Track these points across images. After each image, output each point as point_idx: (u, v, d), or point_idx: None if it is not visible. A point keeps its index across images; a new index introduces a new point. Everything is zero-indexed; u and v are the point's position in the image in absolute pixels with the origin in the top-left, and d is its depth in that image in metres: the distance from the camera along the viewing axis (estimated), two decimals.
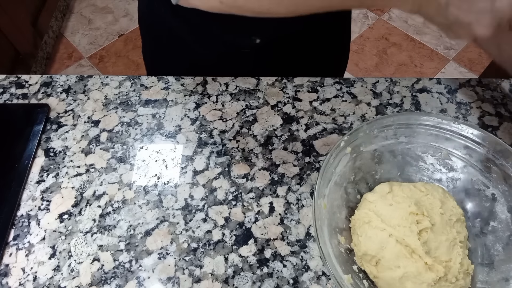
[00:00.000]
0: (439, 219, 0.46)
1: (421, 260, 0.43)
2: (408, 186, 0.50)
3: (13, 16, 1.62)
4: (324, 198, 0.46)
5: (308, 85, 0.66)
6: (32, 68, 1.75)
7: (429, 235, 0.45)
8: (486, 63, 1.55)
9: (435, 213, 0.46)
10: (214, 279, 0.48)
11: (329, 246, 0.43)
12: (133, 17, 2.10)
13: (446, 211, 0.47)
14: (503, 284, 0.43)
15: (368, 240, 0.46)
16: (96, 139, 0.60)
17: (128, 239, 0.51)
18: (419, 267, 0.43)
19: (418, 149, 0.53)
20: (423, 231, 0.45)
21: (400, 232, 0.45)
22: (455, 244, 0.45)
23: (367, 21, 2.09)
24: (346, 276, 0.43)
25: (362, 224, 0.47)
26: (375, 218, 0.46)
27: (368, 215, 0.47)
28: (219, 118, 0.62)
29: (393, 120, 0.51)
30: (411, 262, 0.43)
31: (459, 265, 0.44)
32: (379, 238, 0.45)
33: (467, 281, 0.45)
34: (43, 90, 0.66)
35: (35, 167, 0.57)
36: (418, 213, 0.46)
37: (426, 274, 0.43)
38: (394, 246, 0.44)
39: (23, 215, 0.53)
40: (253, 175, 0.56)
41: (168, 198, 0.54)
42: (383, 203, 0.48)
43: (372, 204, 0.48)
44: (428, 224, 0.45)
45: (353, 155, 0.50)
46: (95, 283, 0.48)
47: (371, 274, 0.46)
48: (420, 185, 0.50)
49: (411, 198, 0.48)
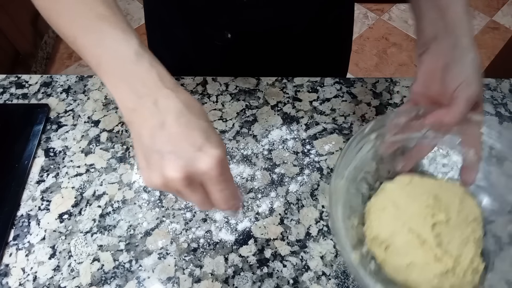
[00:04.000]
0: (455, 215, 0.45)
1: (431, 251, 0.43)
2: (429, 181, 0.49)
3: (13, 16, 1.62)
4: (343, 179, 0.46)
5: (308, 85, 0.66)
6: (32, 68, 1.75)
7: (443, 229, 0.44)
8: (486, 63, 1.55)
9: (452, 209, 0.46)
10: (214, 279, 0.48)
11: (341, 222, 0.43)
12: (133, 17, 2.10)
13: (464, 209, 0.46)
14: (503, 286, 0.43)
15: (380, 225, 0.46)
16: (96, 139, 0.60)
17: (128, 239, 0.51)
18: (428, 257, 0.43)
19: (444, 145, 0.51)
20: (437, 224, 0.44)
21: (414, 222, 0.44)
22: (468, 241, 0.44)
23: (367, 21, 2.10)
24: (354, 253, 0.42)
25: (377, 210, 0.47)
26: (390, 206, 0.46)
27: (384, 202, 0.47)
28: (219, 118, 0.62)
29: (422, 112, 0.49)
30: (421, 252, 0.43)
31: (469, 262, 0.43)
32: (392, 224, 0.45)
33: (476, 278, 0.44)
34: (43, 90, 0.66)
35: (35, 167, 0.57)
36: (434, 207, 0.45)
37: (433, 265, 0.42)
38: (406, 234, 0.44)
39: (23, 215, 0.53)
40: (253, 175, 0.56)
41: (168, 198, 0.54)
42: (401, 193, 0.47)
43: (390, 192, 0.48)
44: (443, 218, 0.44)
45: (377, 143, 0.49)
46: (95, 283, 0.48)
47: (379, 258, 0.45)
48: (442, 181, 0.49)
49: (430, 192, 0.47)
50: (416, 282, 0.43)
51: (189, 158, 0.32)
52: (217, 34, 0.66)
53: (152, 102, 0.34)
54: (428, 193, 0.47)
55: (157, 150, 0.33)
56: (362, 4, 2.14)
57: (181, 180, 0.32)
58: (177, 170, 0.32)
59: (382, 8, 2.14)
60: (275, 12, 0.62)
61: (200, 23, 0.66)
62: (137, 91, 0.34)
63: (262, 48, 0.69)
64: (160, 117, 0.33)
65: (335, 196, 0.43)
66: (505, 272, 0.45)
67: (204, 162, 0.32)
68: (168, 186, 0.33)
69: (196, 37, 0.68)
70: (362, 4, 2.14)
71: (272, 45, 0.69)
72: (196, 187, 0.34)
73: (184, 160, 0.32)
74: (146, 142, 0.34)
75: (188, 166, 0.32)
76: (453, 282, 0.43)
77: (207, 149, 0.33)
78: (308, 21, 0.67)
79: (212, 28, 0.65)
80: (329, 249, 0.50)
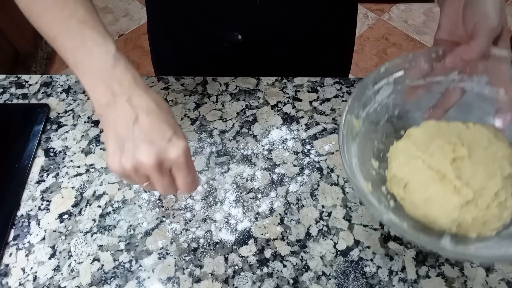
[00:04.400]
0: (481, 151, 0.43)
1: (450, 184, 0.41)
2: (457, 124, 0.47)
3: (13, 16, 1.63)
4: (359, 118, 0.45)
5: (308, 85, 0.66)
6: (32, 68, 1.75)
7: (465, 163, 0.42)
8: None
9: (476, 146, 0.44)
10: (214, 279, 0.48)
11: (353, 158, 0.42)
12: (133, 17, 2.10)
13: (492, 146, 0.44)
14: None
15: (399, 164, 0.45)
16: (96, 139, 0.60)
17: (128, 239, 0.51)
18: (447, 190, 0.41)
19: (474, 89, 0.47)
20: (458, 159, 0.43)
21: (434, 158, 0.43)
22: (494, 176, 0.42)
23: (367, 21, 2.10)
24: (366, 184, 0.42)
25: (397, 151, 0.47)
26: (411, 147, 0.45)
27: (406, 144, 0.46)
28: (219, 118, 0.62)
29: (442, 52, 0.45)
30: (439, 186, 0.42)
31: (493, 195, 0.41)
32: (411, 163, 0.44)
33: (504, 214, 0.41)
34: (43, 90, 0.66)
35: (35, 167, 0.57)
36: (457, 143, 0.44)
37: (452, 197, 0.41)
38: (425, 171, 0.43)
39: (23, 215, 0.53)
40: (253, 175, 0.56)
41: (168, 198, 0.54)
42: (424, 134, 0.46)
43: (414, 136, 0.47)
44: (464, 152, 0.43)
45: (398, 88, 0.47)
46: (95, 283, 0.48)
47: (398, 196, 0.45)
48: (471, 123, 0.46)
49: (454, 131, 0.45)
50: (435, 216, 0.42)
51: (160, 147, 0.38)
52: (227, 36, 0.66)
53: (126, 100, 0.39)
54: (452, 132, 0.45)
55: (132, 139, 0.38)
56: (362, 4, 2.15)
57: (153, 165, 0.38)
58: (150, 156, 0.37)
59: (382, 8, 2.14)
60: (286, 12, 0.62)
61: (210, 25, 0.65)
62: (113, 90, 0.39)
63: (269, 49, 0.69)
64: (133, 113, 0.38)
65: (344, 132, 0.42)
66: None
67: (173, 151, 0.38)
68: (138, 170, 0.39)
69: (203, 38, 0.68)
70: (362, 4, 2.15)
71: (278, 46, 0.69)
72: (164, 173, 0.40)
73: (156, 149, 0.38)
74: (120, 132, 0.38)
75: (160, 154, 0.38)
76: (476, 215, 0.41)
77: (175, 140, 0.39)
78: (314, 21, 0.67)
79: (222, 30, 0.65)
80: (329, 249, 0.50)
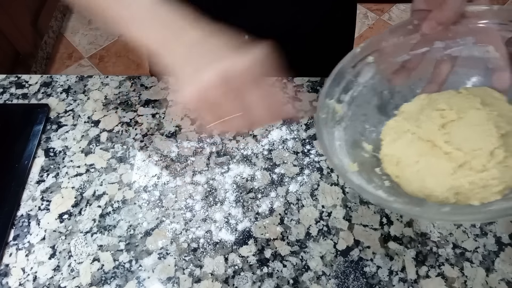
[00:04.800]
0: (473, 113, 0.41)
1: (441, 151, 0.40)
2: (448, 92, 0.45)
3: (13, 16, 1.62)
4: (341, 102, 0.44)
5: (308, 85, 0.65)
6: (32, 68, 1.75)
7: (454, 127, 0.41)
8: None
9: (466, 107, 0.42)
10: (214, 279, 0.48)
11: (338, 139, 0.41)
12: None
13: (486, 106, 0.41)
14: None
15: (389, 141, 0.44)
16: (96, 139, 0.60)
17: (128, 239, 0.51)
18: (438, 158, 0.40)
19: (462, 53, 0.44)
20: (447, 124, 0.41)
21: (422, 128, 0.42)
22: (489, 135, 0.39)
23: (367, 21, 2.10)
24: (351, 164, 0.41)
25: (388, 129, 0.45)
26: (402, 123, 0.44)
27: (397, 121, 0.45)
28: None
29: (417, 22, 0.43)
30: (430, 155, 0.40)
31: (488, 154, 0.38)
32: (401, 138, 0.43)
33: (506, 174, 0.38)
34: (43, 90, 0.66)
35: (35, 167, 0.57)
36: (445, 109, 0.42)
37: (444, 164, 0.39)
38: (415, 143, 0.42)
39: (23, 215, 0.53)
40: (253, 175, 0.56)
41: (168, 198, 0.54)
42: (415, 108, 0.45)
43: (405, 112, 0.45)
44: (453, 117, 0.41)
45: (381, 67, 0.45)
46: (95, 283, 0.48)
47: (393, 175, 0.43)
48: (463, 89, 0.44)
49: (444, 99, 0.43)
50: (430, 187, 0.40)
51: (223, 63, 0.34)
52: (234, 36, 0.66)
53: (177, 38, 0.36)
54: (442, 99, 0.43)
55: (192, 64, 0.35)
56: (362, 4, 2.14)
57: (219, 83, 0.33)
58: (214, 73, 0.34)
59: (382, 8, 2.14)
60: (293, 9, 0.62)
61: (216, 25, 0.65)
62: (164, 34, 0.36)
63: None
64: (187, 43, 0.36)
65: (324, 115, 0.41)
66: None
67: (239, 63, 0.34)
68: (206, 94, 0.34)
69: None
70: (362, 4, 2.14)
71: (282, 44, 0.69)
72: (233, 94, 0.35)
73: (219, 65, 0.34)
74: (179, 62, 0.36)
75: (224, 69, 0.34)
76: (473, 179, 0.38)
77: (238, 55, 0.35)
78: (319, 17, 0.67)
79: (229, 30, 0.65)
80: (329, 249, 0.50)
